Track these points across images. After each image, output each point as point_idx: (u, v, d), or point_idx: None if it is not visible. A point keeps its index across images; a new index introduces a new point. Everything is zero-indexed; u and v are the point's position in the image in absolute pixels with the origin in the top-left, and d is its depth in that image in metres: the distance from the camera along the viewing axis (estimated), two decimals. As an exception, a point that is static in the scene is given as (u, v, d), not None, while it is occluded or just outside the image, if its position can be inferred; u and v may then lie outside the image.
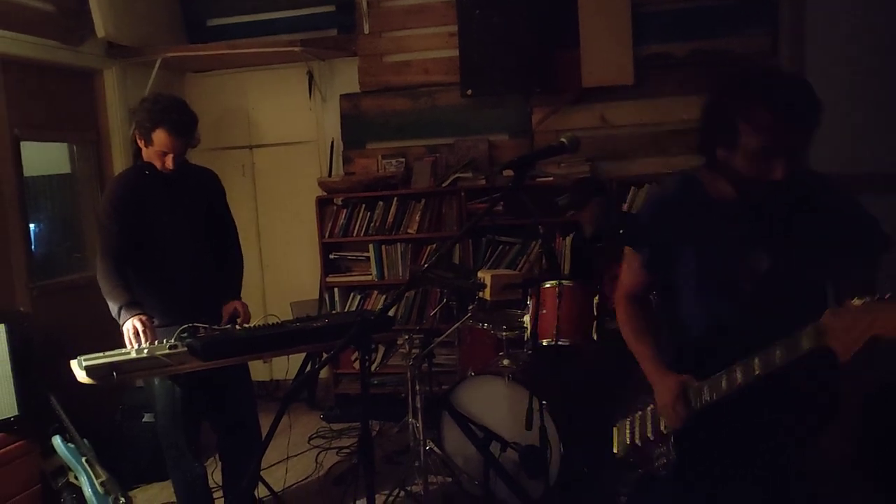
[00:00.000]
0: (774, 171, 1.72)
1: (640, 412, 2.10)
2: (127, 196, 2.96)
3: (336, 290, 5.21)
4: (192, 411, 3.07)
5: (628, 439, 2.13)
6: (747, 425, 1.85)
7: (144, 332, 2.73)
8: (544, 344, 3.47)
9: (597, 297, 3.50)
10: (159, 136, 2.87)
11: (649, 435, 2.03)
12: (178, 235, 3.02)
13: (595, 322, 3.48)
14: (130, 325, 2.75)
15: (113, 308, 2.83)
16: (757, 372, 1.70)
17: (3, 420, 3.28)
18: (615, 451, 2.19)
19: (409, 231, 5.00)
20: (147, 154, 2.96)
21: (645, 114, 4.87)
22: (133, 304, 2.80)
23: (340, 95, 5.30)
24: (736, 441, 1.87)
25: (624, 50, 4.69)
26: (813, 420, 1.89)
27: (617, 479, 3.37)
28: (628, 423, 2.15)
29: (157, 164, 2.94)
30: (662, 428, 1.97)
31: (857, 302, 1.49)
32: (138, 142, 2.96)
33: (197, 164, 3.26)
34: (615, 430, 2.20)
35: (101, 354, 2.62)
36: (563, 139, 2.05)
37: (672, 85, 4.80)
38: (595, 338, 3.47)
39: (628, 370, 3.66)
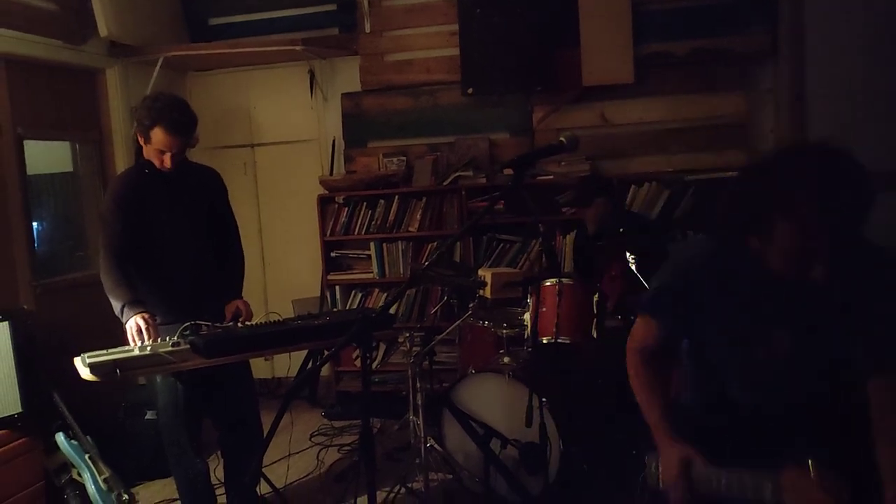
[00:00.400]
0: (813, 272, 1.54)
1: (655, 463, 1.95)
2: (129, 194, 2.97)
3: (337, 287, 5.22)
4: (194, 408, 3.10)
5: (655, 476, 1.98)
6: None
7: (147, 329, 2.75)
8: (544, 342, 3.48)
9: (597, 296, 3.52)
10: (157, 134, 2.89)
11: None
12: (178, 234, 3.04)
13: (595, 320, 3.50)
14: (133, 323, 2.76)
15: (116, 306, 2.84)
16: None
17: (6, 417, 3.30)
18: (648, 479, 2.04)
19: (410, 229, 5.02)
20: (146, 152, 2.97)
21: (645, 112, 4.88)
22: (136, 302, 2.82)
23: (342, 94, 5.32)
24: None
25: (624, 48, 4.71)
26: None
27: (615, 477, 3.39)
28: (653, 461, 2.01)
29: (156, 163, 2.95)
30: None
31: (812, 468, 1.47)
32: (139, 139, 2.98)
33: (199, 162, 3.28)
34: (646, 460, 2.08)
35: (104, 352, 2.64)
36: (562, 138, 2.07)
37: (672, 83, 4.82)
38: (595, 336, 3.49)
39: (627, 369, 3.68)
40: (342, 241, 5.22)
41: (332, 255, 5.24)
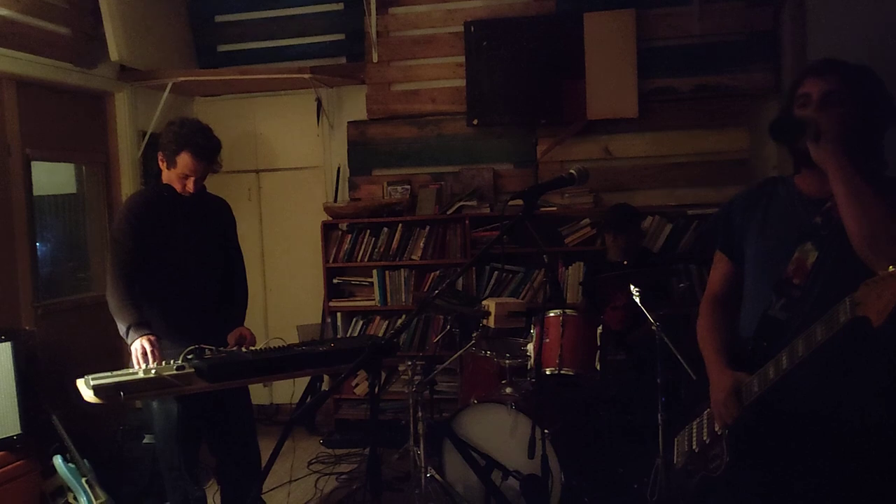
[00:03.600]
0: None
1: (697, 419, 2.08)
2: (143, 214, 2.99)
3: (339, 314, 5.22)
4: (192, 434, 3.07)
5: (686, 446, 2.10)
6: (803, 423, 1.81)
7: (152, 352, 2.74)
8: (548, 373, 3.48)
9: (600, 328, 3.52)
10: (183, 160, 2.92)
11: (705, 438, 2.01)
12: (188, 259, 3.04)
13: (598, 352, 3.50)
14: (139, 345, 2.76)
15: (121, 327, 2.84)
16: (801, 353, 1.67)
17: (5, 438, 3.28)
18: (675, 461, 2.16)
19: (413, 258, 5.03)
20: (168, 176, 3.00)
21: (649, 147, 4.93)
22: (142, 324, 2.82)
23: (348, 122, 5.36)
24: (791, 439, 1.82)
25: (629, 83, 4.76)
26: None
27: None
28: (686, 431, 2.12)
29: (178, 187, 2.98)
30: (717, 429, 1.94)
31: (891, 269, 1.48)
32: (160, 163, 3.00)
33: (210, 191, 3.29)
34: (676, 441, 2.18)
35: (108, 374, 2.62)
36: (572, 170, 2.09)
37: (676, 119, 4.86)
38: (598, 368, 3.49)
39: (630, 401, 3.68)
40: (345, 267, 5.23)
41: (335, 281, 5.24)
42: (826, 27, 4.23)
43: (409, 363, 3.69)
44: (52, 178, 4.54)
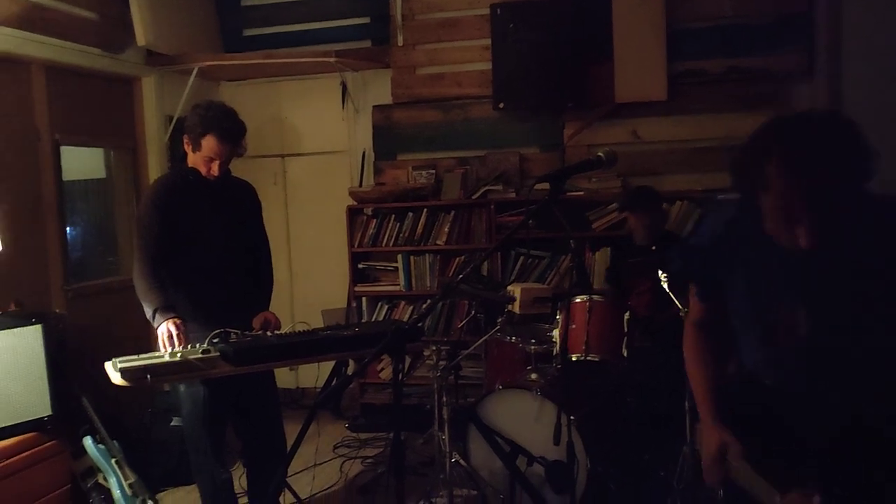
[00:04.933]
0: (798, 238, 1.46)
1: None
2: (169, 198, 3.00)
3: (364, 299, 5.23)
4: (218, 417, 3.10)
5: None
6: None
7: (178, 335, 2.76)
8: (573, 359, 3.45)
9: (627, 313, 3.48)
10: (209, 142, 2.92)
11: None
12: (215, 242, 3.05)
13: (625, 338, 3.46)
14: (165, 329, 2.78)
15: (147, 310, 2.86)
16: None
17: (36, 419, 3.33)
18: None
19: (438, 242, 5.01)
20: (193, 160, 3.00)
21: (677, 130, 4.85)
22: (168, 308, 2.83)
23: (373, 106, 5.34)
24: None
25: (658, 66, 4.68)
26: None
27: (643, 498, 3.34)
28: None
29: (203, 170, 2.98)
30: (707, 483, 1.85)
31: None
32: (185, 146, 3.01)
33: (236, 175, 3.29)
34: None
35: (135, 357, 2.65)
36: (600, 153, 2.05)
37: (705, 102, 4.78)
38: (625, 354, 3.45)
39: (657, 387, 3.64)
40: (370, 252, 5.23)
41: (360, 266, 5.25)
42: (862, 8, 4.13)
43: (434, 348, 3.67)
44: (82, 163, 4.59)
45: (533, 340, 3.64)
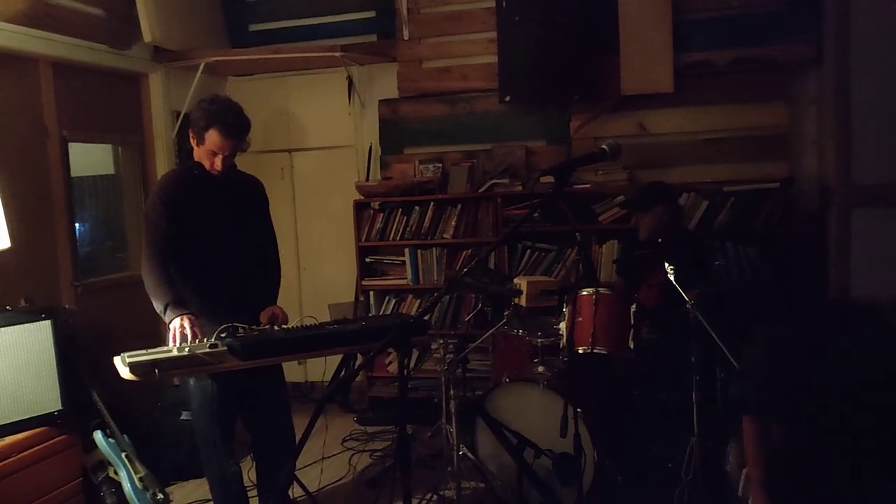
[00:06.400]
0: None
1: None
2: (175, 193, 3.01)
3: (371, 293, 5.24)
4: (228, 410, 3.12)
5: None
6: None
7: (192, 329, 2.78)
8: (580, 352, 3.45)
9: (634, 306, 3.48)
10: (212, 136, 2.93)
11: None
12: (222, 236, 3.07)
13: (632, 331, 3.46)
14: (178, 323, 2.79)
15: (157, 305, 2.87)
16: None
17: (47, 414, 3.35)
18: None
19: (445, 236, 5.01)
20: (198, 154, 3.02)
21: (684, 122, 4.83)
22: (179, 303, 2.85)
23: (379, 100, 5.35)
24: None
25: (664, 57, 4.66)
26: None
27: (650, 490, 3.35)
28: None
29: (207, 165, 3.00)
30: None
31: None
32: (191, 140, 3.02)
33: (243, 170, 3.30)
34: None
35: (144, 351, 2.67)
36: (604, 146, 2.05)
37: (712, 93, 4.76)
38: (632, 346, 3.45)
39: (664, 379, 3.64)
40: (377, 246, 5.24)
41: (367, 260, 5.26)
42: (871, -2, 4.10)
43: (442, 341, 3.69)
44: (91, 159, 4.61)
45: (539, 333, 3.64)
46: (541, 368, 3.51)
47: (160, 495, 3.42)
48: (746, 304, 4.15)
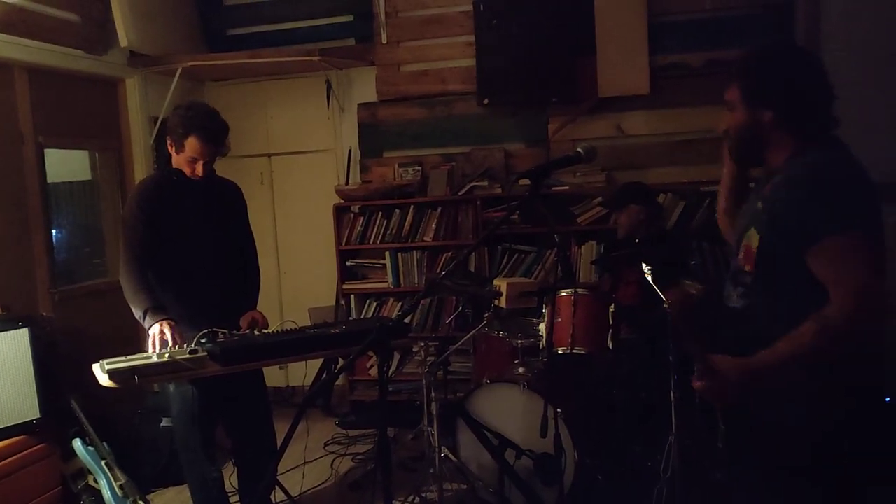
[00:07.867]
0: None
1: None
2: (154, 197, 3.01)
3: (352, 296, 5.24)
4: (208, 416, 3.11)
5: None
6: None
7: (172, 335, 2.77)
8: (560, 352, 3.48)
9: (612, 306, 3.51)
10: (191, 143, 2.93)
11: None
12: (201, 242, 3.06)
13: (611, 331, 3.49)
14: (157, 329, 2.78)
15: (136, 311, 2.86)
16: None
17: (25, 423, 3.33)
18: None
19: (425, 239, 5.03)
20: (177, 161, 3.01)
21: (660, 123, 4.89)
22: (158, 308, 2.84)
23: (358, 104, 5.35)
24: None
25: (640, 60, 4.72)
26: None
27: (631, 489, 3.38)
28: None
29: (187, 171, 2.99)
30: None
31: None
32: (169, 148, 3.01)
33: (221, 175, 3.30)
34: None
35: (123, 358, 2.65)
36: (579, 149, 2.08)
37: (687, 95, 4.81)
38: (610, 346, 3.48)
39: (642, 379, 3.68)
40: (357, 250, 5.24)
41: (348, 264, 5.26)
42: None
43: (423, 344, 3.71)
44: (68, 164, 4.57)
45: (520, 335, 3.67)
46: (521, 369, 3.54)
47: (140, 503, 3.40)
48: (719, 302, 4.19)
